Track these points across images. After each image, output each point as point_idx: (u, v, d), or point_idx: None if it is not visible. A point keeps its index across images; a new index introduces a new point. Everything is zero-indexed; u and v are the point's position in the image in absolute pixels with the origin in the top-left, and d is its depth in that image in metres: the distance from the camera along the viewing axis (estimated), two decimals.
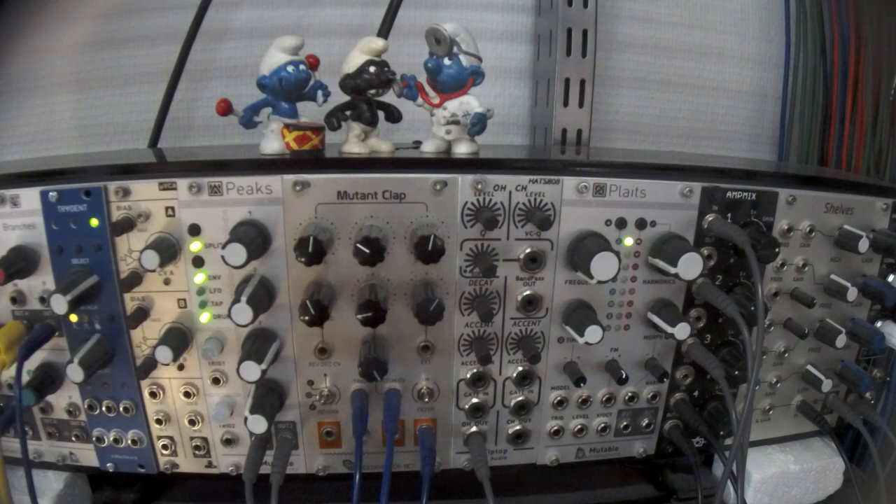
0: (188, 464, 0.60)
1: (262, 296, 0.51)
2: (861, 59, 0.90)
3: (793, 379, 0.65)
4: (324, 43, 0.59)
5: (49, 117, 0.88)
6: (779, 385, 0.65)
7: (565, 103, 0.84)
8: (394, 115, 0.58)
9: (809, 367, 0.64)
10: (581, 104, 0.85)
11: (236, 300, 0.48)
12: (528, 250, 0.54)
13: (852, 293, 0.59)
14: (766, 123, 0.97)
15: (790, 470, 0.65)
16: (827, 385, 0.63)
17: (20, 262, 0.53)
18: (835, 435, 0.67)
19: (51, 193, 0.52)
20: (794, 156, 0.94)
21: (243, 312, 0.48)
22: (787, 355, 0.63)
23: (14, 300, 0.55)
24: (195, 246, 0.53)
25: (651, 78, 0.94)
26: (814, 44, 0.92)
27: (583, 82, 0.84)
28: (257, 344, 0.53)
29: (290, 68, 0.54)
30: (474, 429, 0.60)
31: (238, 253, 0.47)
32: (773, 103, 0.96)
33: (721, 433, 0.62)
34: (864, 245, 0.58)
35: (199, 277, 0.54)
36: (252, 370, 0.50)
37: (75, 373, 0.51)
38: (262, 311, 0.51)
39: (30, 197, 0.53)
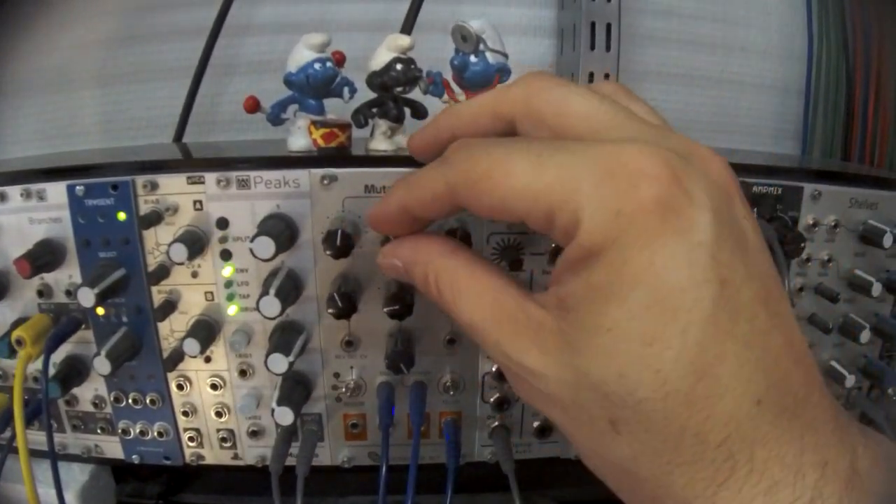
0: (214, 455, 0.61)
1: (289, 288, 0.51)
2: (884, 53, 0.89)
3: None
4: (347, 38, 0.59)
5: (72, 113, 0.88)
6: None
7: None
8: (420, 112, 0.58)
9: (833, 363, 0.63)
10: None
11: (264, 293, 0.49)
12: (553, 244, 0.54)
13: (877, 288, 0.59)
14: (789, 118, 0.96)
15: None
16: (850, 381, 0.62)
17: (46, 256, 0.53)
18: None
19: (77, 188, 0.53)
20: (818, 150, 0.93)
21: (272, 305, 0.48)
22: (810, 351, 0.63)
23: (40, 293, 0.56)
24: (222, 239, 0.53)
25: (675, 72, 0.93)
26: (836, 37, 0.91)
27: (607, 77, 0.84)
28: (285, 336, 0.53)
29: (316, 65, 0.54)
30: (499, 422, 0.60)
31: (267, 246, 0.47)
32: (797, 97, 0.95)
33: None
34: (888, 240, 0.57)
35: (227, 270, 0.54)
36: (280, 362, 0.50)
37: (102, 365, 0.52)
38: (290, 303, 0.51)
39: (56, 191, 0.53)
